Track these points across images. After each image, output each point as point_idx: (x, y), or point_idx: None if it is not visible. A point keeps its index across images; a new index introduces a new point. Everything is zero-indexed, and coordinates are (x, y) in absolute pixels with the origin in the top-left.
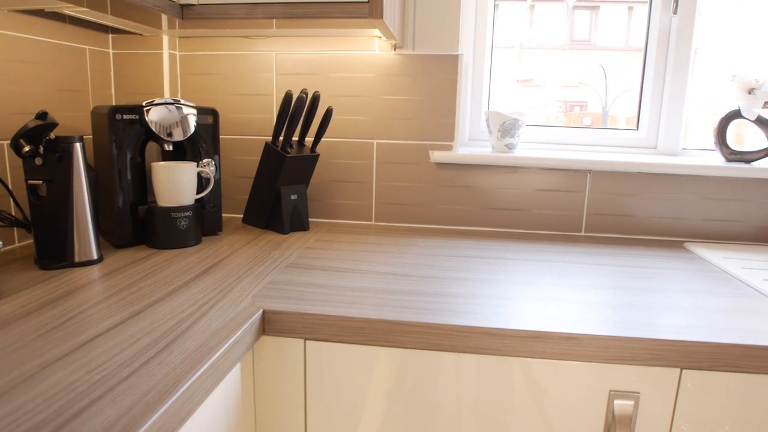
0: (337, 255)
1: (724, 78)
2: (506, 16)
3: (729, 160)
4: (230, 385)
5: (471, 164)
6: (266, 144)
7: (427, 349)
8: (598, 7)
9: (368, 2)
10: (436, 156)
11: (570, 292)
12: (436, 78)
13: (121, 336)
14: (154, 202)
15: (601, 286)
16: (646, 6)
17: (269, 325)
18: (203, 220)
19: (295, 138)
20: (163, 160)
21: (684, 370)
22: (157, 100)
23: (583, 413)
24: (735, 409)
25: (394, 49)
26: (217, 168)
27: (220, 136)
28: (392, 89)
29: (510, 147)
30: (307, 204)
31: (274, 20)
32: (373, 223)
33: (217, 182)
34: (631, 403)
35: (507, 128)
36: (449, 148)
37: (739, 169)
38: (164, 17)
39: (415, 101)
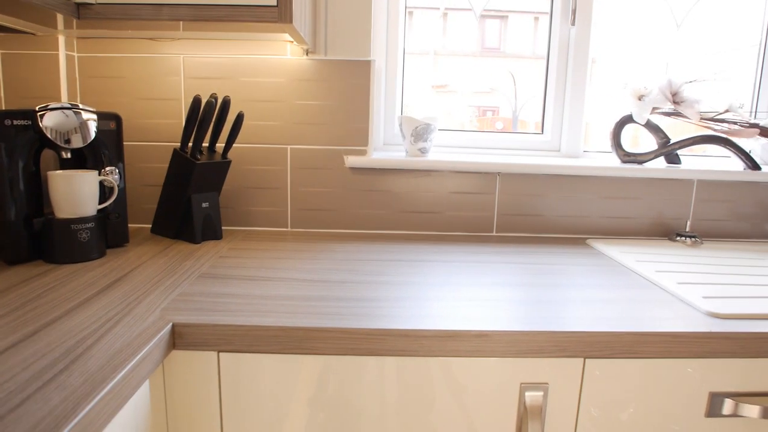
0: (252, 263)
1: (620, 85)
2: (421, 24)
3: (624, 162)
4: (139, 404)
5: (385, 168)
6: (175, 150)
7: (346, 355)
8: (506, 16)
9: (278, 6)
10: (351, 161)
11: (482, 291)
12: (349, 83)
13: (12, 360)
14: (52, 213)
15: (511, 284)
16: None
17: (180, 338)
18: (107, 231)
19: (206, 144)
20: (62, 168)
21: (587, 359)
22: (52, 105)
23: (498, 406)
24: (636, 392)
25: (307, 54)
26: (122, 176)
27: (125, 143)
28: (305, 94)
29: (423, 151)
30: (219, 212)
31: (181, 22)
32: (289, 229)
33: (122, 191)
34: (541, 393)
35: (419, 133)
36: (364, 153)
37: (632, 170)
38: (59, 16)
39: (328, 106)
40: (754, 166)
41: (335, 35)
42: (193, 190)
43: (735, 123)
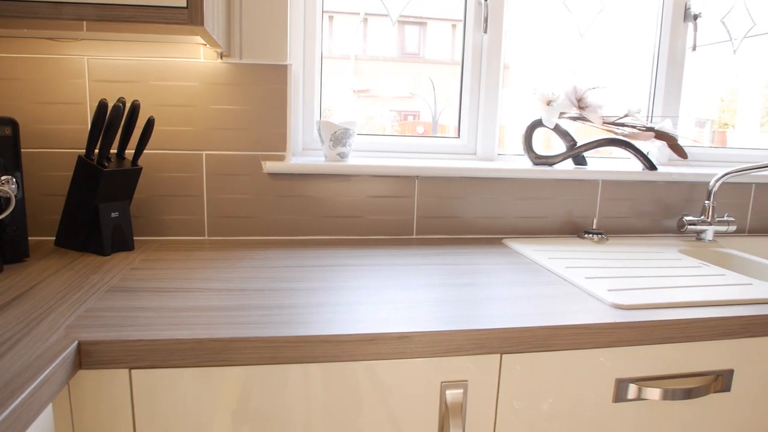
0: (166, 274)
1: (531, 91)
2: (342, 29)
3: (535, 164)
4: (42, 430)
5: (305, 174)
6: (79, 157)
7: (267, 364)
8: (425, 23)
9: (188, 8)
10: (269, 166)
11: (402, 293)
12: (266, 87)
13: None
14: None
15: (431, 285)
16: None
17: (87, 357)
18: (4, 245)
19: (114, 151)
20: None
21: (503, 355)
22: None
23: (421, 406)
24: (552, 383)
25: (221, 58)
26: (20, 186)
27: (23, 150)
28: (220, 99)
29: (342, 156)
30: (130, 221)
31: (85, 22)
32: (206, 238)
33: (20, 202)
34: (461, 391)
35: (338, 137)
36: (282, 158)
37: (543, 171)
38: None
39: (244, 111)
40: (651, 166)
41: (250, 39)
42: (101, 199)
43: (633, 127)
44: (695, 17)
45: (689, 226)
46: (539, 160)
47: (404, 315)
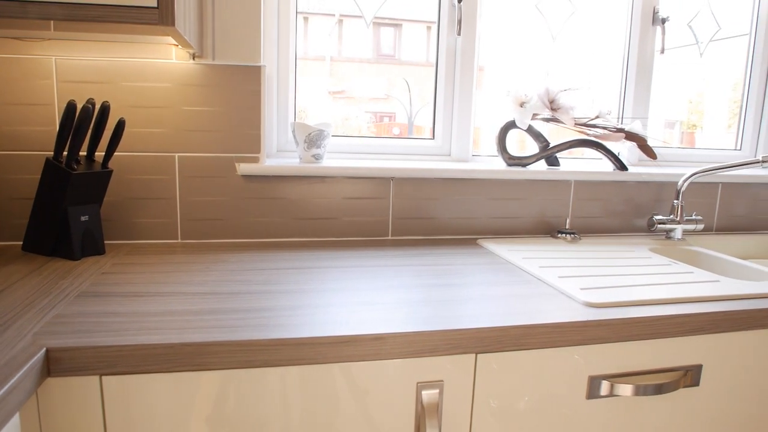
0: (138, 278)
1: (504, 93)
2: (317, 30)
3: (509, 165)
4: None
5: (279, 176)
6: (47, 160)
7: (242, 368)
8: (400, 25)
9: (158, 8)
10: (243, 168)
11: (378, 295)
12: (239, 89)
13: None
14: None
15: (407, 286)
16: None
17: (56, 364)
18: None
19: (83, 153)
20: None
21: (479, 354)
22: None
23: (397, 407)
24: (527, 382)
25: (193, 59)
26: None
27: None
28: (193, 100)
29: (317, 157)
30: (101, 225)
31: (52, 22)
32: (179, 241)
33: None
34: (437, 391)
35: (313, 139)
36: (256, 160)
37: (517, 172)
38: None
39: (218, 113)
40: (621, 167)
41: (223, 40)
42: (70, 203)
43: (604, 128)
44: (663, 21)
45: (659, 225)
46: (513, 161)
47: (380, 316)
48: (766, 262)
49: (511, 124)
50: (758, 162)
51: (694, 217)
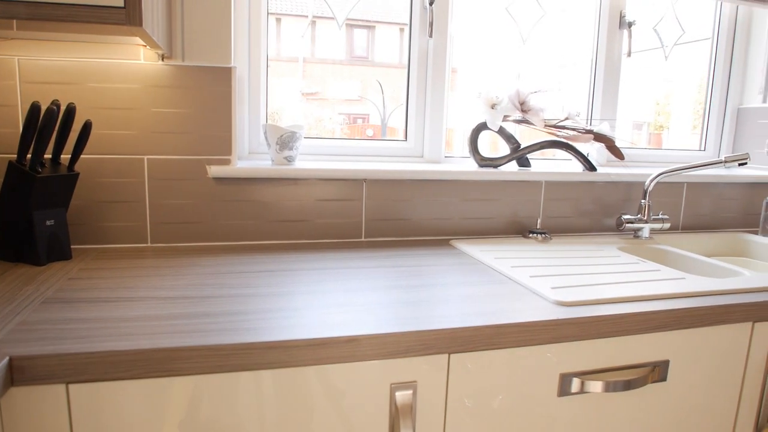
0: (107, 283)
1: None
2: (290, 31)
3: (481, 166)
4: None
5: (251, 178)
6: (10, 163)
7: (214, 373)
8: (374, 26)
9: (125, 8)
10: (214, 171)
11: (352, 296)
12: (210, 90)
13: None
14: None
15: (380, 287)
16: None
17: (20, 373)
18: None
19: (48, 156)
20: None
21: (452, 355)
22: None
23: (371, 409)
24: (500, 381)
25: (162, 60)
26: None
27: None
28: (162, 102)
29: (289, 159)
30: (67, 229)
31: (15, 21)
32: (149, 245)
33: None
34: (410, 392)
35: (285, 141)
36: (227, 162)
37: (488, 173)
38: None
39: (188, 114)
40: (591, 167)
41: (193, 40)
42: (35, 207)
43: (574, 129)
44: (630, 25)
45: (627, 225)
46: (485, 162)
47: (353, 318)
48: (730, 260)
49: (483, 126)
50: (721, 162)
51: (660, 216)
